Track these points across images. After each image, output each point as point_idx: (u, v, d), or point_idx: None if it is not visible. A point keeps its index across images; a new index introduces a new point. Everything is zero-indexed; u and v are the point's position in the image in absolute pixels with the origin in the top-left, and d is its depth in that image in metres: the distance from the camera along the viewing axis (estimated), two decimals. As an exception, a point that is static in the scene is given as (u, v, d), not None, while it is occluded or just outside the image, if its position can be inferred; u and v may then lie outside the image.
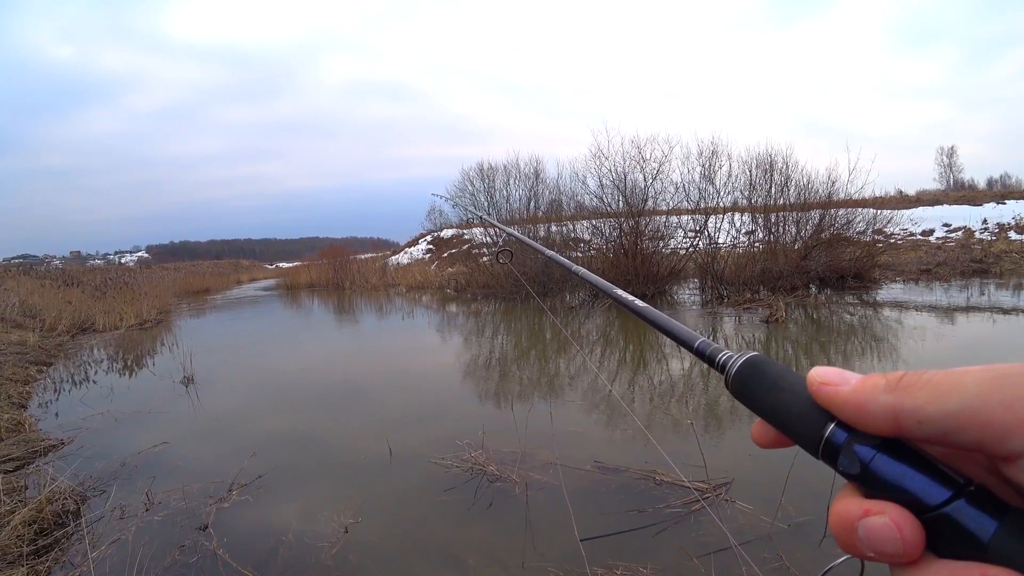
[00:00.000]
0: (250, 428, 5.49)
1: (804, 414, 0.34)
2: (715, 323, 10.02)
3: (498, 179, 19.04)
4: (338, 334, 12.93)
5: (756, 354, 0.40)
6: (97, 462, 4.62)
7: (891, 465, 0.30)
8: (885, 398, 0.30)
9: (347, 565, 3.01)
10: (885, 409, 0.30)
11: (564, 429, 4.82)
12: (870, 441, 0.31)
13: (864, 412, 0.31)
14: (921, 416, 0.28)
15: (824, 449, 0.33)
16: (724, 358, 0.43)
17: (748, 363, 0.39)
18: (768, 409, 0.37)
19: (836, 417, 0.32)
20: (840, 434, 0.32)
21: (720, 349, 0.45)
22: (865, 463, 0.31)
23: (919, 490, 0.29)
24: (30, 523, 3.52)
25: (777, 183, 13.57)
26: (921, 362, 6.28)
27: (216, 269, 40.38)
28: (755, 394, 0.38)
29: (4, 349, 9.41)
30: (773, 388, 0.36)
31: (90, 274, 22.90)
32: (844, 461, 0.31)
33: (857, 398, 0.31)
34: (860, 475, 0.31)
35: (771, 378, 0.37)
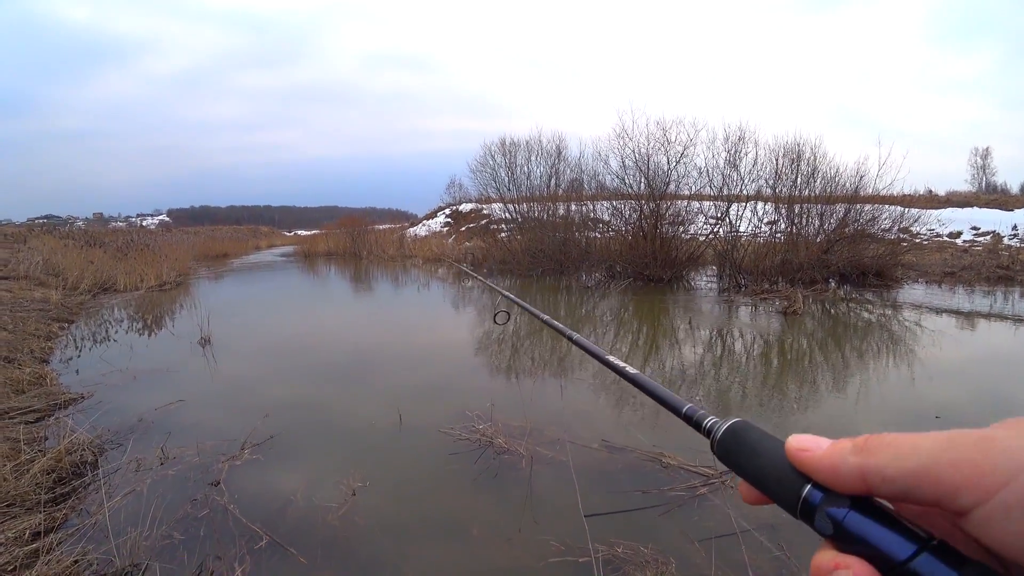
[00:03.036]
0: (263, 390, 5.57)
1: (782, 478, 0.37)
2: (731, 312, 9.93)
3: (520, 155, 18.90)
4: (353, 303, 13.04)
5: (738, 421, 0.43)
6: (115, 417, 4.73)
7: (861, 524, 0.33)
8: (853, 459, 0.34)
9: (353, 527, 3.06)
10: (853, 469, 0.33)
11: (573, 407, 4.84)
12: (842, 502, 0.34)
13: (835, 473, 0.34)
14: (884, 475, 0.32)
15: (801, 509, 0.36)
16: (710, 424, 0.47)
17: (730, 431, 0.43)
18: (750, 473, 0.40)
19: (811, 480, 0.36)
20: (815, 495, 0.35)
21: (706, 416, 0.49)
22: (838, 522, 0.34)
23: (886, 546, 0.32)
24: (49, 472, 3.62)
25: (804, 173, 13.27)
26: (938, 366, 6.18)
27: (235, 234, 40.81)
28: (738, 459, 0.41)
29: (28, 306, 9.62)
30: (753, 454, 0.40)
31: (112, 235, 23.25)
32: (819, 521, 0.35)
33: (829, 461, 0.35)
34: (834, 534, 0.34)
35: (751, 444, 0.41)
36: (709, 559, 2.67)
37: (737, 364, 6.57)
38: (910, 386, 5.56)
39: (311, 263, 23.24)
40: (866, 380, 5.85)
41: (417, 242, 26.41)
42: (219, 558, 2.79)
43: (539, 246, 15.92)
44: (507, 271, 16.63)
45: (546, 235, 16.14)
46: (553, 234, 16.05)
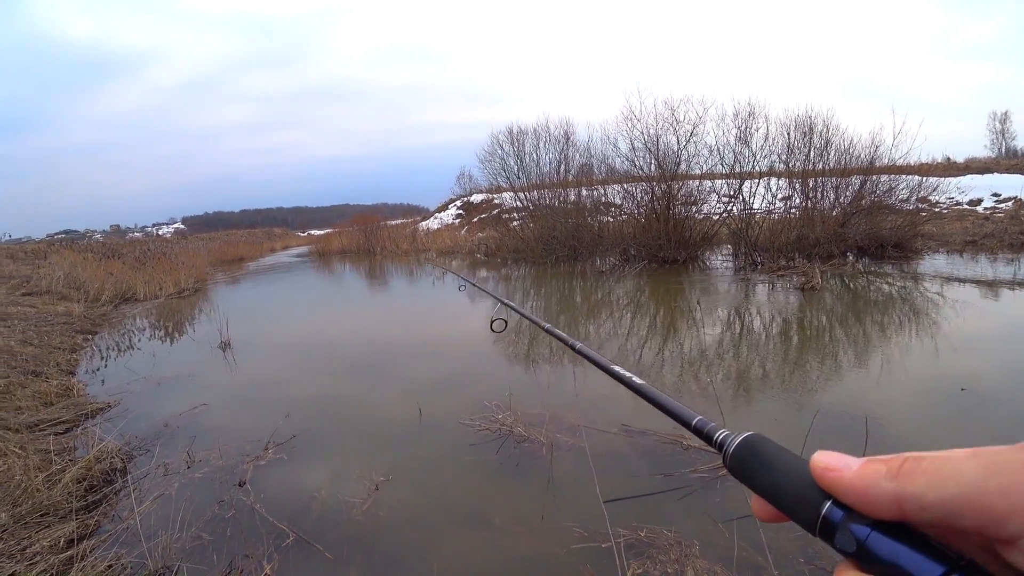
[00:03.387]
0: (284, 390, 5.64)
1: (800, 494, 0.36)
2: (747, 290, 9.84)
3: (528, 142, 18.72)
4: (369, 299, 13.13)
5: (752, 434, 0.41)
6: (141, 423, 4.82)
7: (886, 543, 0.32)
8: (887, 484, 0.31)
9: (377, 521, 3.10)
10: (888, 495, 0.31)
11: (592, 392, 4.84)
12: (865, 520, 0.33)
13: (867, 498, 0.32)
14: (923, 503, 0.30)
15: (821, 528, 0.34)
16: (722, 437, 0.45)
17: (744, 444, 0.41)
18: (765, 489, 0.38)
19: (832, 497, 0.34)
20: (836, 513, 0.34)
21: (718, 428, 0.47)
22: (861, 541, 0.32)
23: (913, 567, 0.30)
24: (80, 480, 3.70)
25: (816, 147, 13.02)
26: (961, 337, 6.04)
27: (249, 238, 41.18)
28: (752, 474, 0.40)
29: (52, 319, 9.81)
30: (769, 469, 0.38)
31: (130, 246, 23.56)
32: (841, 539, 0.33)
33: (860, 484, 0.32)
34: (857, 552, 0.32)
35: (767, 459, 0.39)
36: (732, 541, 2.66)
37: (756, 342, 6.52)
38: (934, 358, 5.47)
39: (326, 262, 23.41)
40: (888, 354, 5.76)
41: (430, 235, 26.48)
42: (248, 556, 2.84)
43: (552, 233, 15.89)
44: (521, 259, 16.62)
45: (558, 222, 16.09)
46: (565, 220, 15.99)
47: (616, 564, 2.58)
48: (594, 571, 2.58)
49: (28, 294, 12.25)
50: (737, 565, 2.52)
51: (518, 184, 18.94)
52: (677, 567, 2.57)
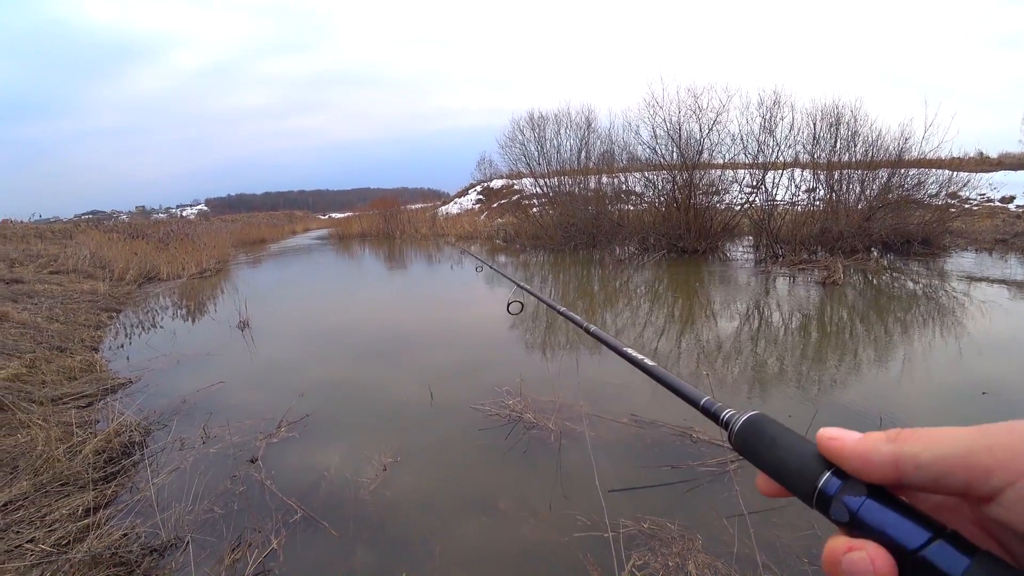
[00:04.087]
0: (299, 371, 5.72)
1: (799, 469, 0.38)
2: (767, 283, 9.72)
3: (549, 129, 18.57)
4: (388, 283, 13.22)
5: (756, 414, 0.44)
6: (160, 399, 4.93)
7: (877, 511, 0.34)
8: (886, 447, 0.34)
9: (384, 501, 3.15)
10: (886, 457, 0.33)
11: (604, 381, 4.83)
12: (858, 491, 0.35)
13: (867, 461, 0.34)
14: (918, 461, 0.32)
15: (817, 500, 0.36)
16: (727, 416, 0.47)
17: (749, 423, 0.43)
18: (767, 464, 0.40)
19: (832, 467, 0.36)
20: (832, 485, 0.36)
21: (724, 408, 0.50)
22: (853, 511, 0.34)
23: (900, 534, 0.32)
24: (99, 452, 3.81)
25: (843, 137, 12.67)
26: (987, 338, 5.89)
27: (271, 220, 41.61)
28: (756, 451, 0.42)
29: (77, 297, 10.04)
30: (771, 446, 0.40)
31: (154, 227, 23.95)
32: (835, 510, 0.35)
33: (861, 448, 0.35)
34: (849, 522, 0.34)
35: (769, 437, 0.41)
36: (737, 536, 2.64)
37: (774, 336, 6.44)
38: (957, 360, 5.35)
39: (346, 245, 23.60)
40: (910, 353, 5.63)
41: (449, 220, 26.50)
42: (257, 531, 2.91)
43: (571, 220, 15.81)
44: (540, 246, 16.57)
45: (578, 209, 16.00)
46: (585, 208, 15.90)
47: (618, 554, 2.59)
48: (594, 560, 2.59)
49: (55, 272, 12.54)
50: (738, 561, 2.51)
51: (538, 170, 18.83)
52: (679, 560, 2.56)
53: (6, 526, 2.99)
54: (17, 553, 2.76)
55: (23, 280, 10.62)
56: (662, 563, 2.56)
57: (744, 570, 2.46)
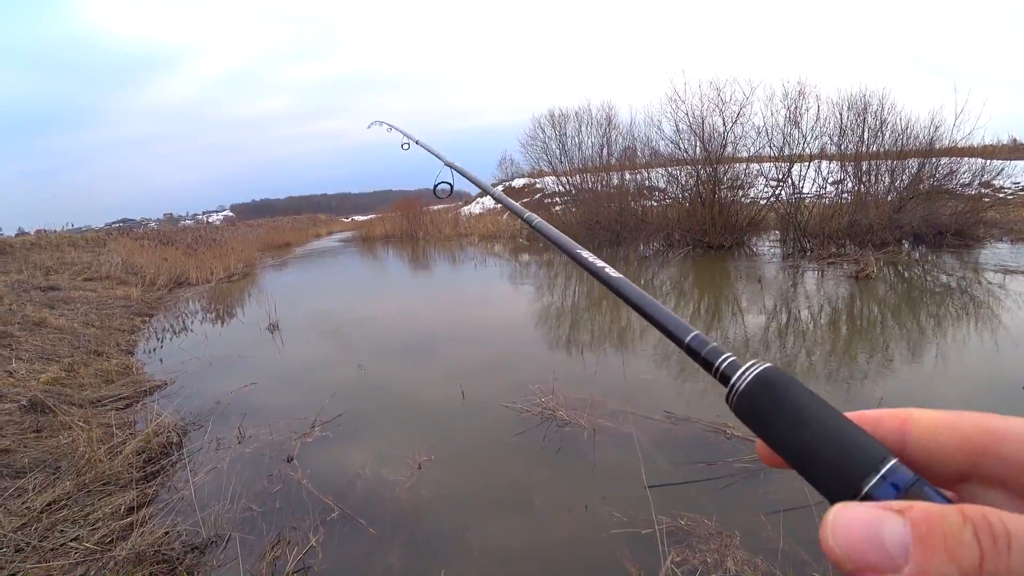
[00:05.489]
0: (330, 371, 5.79)
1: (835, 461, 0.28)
2: (796, 277, 9.56)
3: (570, 126, 18.36)
4: (412, 284, 13.32)
5: (771, 368, 0.32)
6: (195, 400, 5.02)
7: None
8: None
9: (420, 499, 3.16)
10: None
11: (634, 378, 4.80)
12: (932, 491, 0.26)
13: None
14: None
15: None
16: (726, 365, 0.35)
17: (760, 380, 0.32)
18: (787, 446, 0.30)
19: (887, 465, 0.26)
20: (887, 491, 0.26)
21: (721, 352, 0.36)
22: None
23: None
24: (139, 452, 3.89)
25: (871, 127, 12.33)
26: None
27: (295, 224, 42.13)
28: (768, 423, 0.31)
29: (112, 303, 10.28)
30: (795, 423, 0.30)
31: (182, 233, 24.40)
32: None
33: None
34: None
35: (791, 406, 0.30)
36: (777, 533, 2.60)
37: (804, 331, 6.33)
38: (993, 354, 5.20)
39: (370, 247, 23.81)
40: (944, 348, 5.48)
41: (472, 220, 26.53)
42: (295, 529, 2.94)
43: (595, 217, 15.69)
44: (564, 244, 16.50)
45: (601, 206, 15.90)
46: (608, 204, 15.78)
47: (656, 551, 2.57)
48: (632, 556, 2.57)
49: (89, 279, 12.85)
50: (779, 557, 2.47)
51: (560, 168, 18.74)
52: (717, 557, 2.53)
53: (51, 525, 3.07)
54: (62, 551, 2.83)
55: (59, 287, 10.91)
56: (700, 559, 2.53)
57: (785, 567, 2.42)
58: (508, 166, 26.77)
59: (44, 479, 3.54)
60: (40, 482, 3.50)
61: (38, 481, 3.50)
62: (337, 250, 23.86)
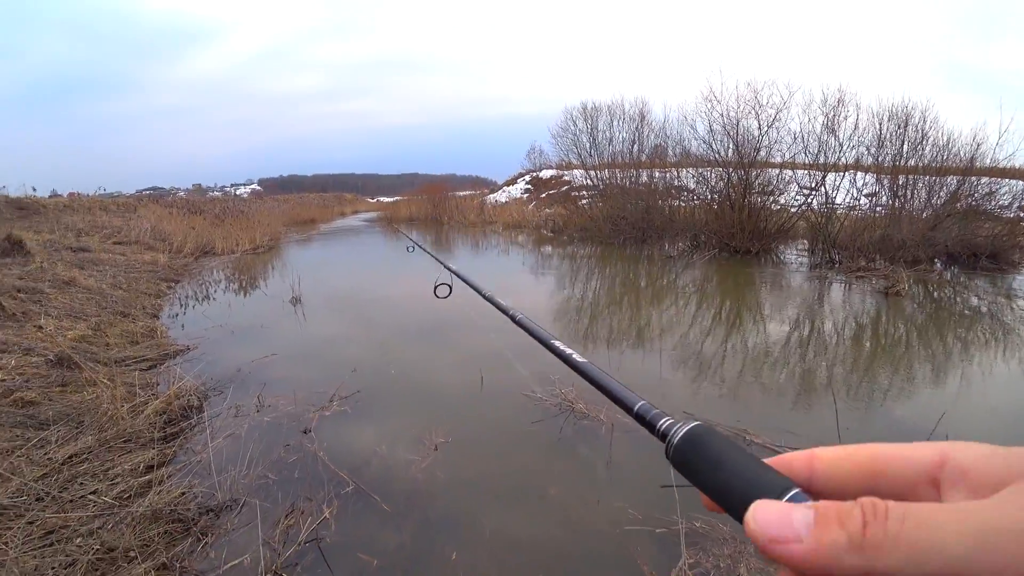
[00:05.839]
0: (350, 347, 5.83)
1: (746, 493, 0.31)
2: (822, 288, 9.39)
3: (601, 120, 18.19)
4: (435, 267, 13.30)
5: (698, 425, 0.38)
6: (217, 367, 5.08)
7: None
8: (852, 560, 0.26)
9: (435, 480, 3.16)
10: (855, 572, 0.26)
11: (654, 377, 4.76)
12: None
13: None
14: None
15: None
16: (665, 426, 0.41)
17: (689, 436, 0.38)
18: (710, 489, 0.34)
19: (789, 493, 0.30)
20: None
21: (662, 415, 0.43)
22: None
23: None
24: (160, 413, 3.95)
25: (911, 140, 11.99)
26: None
27: (321, 201, 42.50)
28: (697, 471, 0.36)
29: (139, 267, 10.46)
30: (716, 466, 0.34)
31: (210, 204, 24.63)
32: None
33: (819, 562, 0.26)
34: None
35: (713, 455, 0.35)
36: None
37: (825, 345, 6.21)
38: (1020, 383, 5.06)
39: (394, 228, 23.93)
40: (968, 373, 5.31)
41: (497, 208, 26.50)
42: (309, 499, 2.96)
43: (621, 214, 15.58)
44: (588, 238, 16.41)
45: (628, 202, 15.77)
46: (635, 201, 15.65)
47: (669, 551, 2.55)
48: (644, 555, 2.54)
49: (119, 243, 13.06)
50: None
51: (589, 162, 18.60)
52: (730, 563, 2.50)
53: (71, 477, 3.13)
54: (80, 503, 2.88)
55: (89, 249, 11.10)
56: (713, 564, 2.50)
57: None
58: (537, 156, 26.66)
59: (67, 432, 3.61)
60: (63, 435, 3.56)
61: (61, 434, 3.57)
62: (361, 229, 24.02)
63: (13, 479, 2.97)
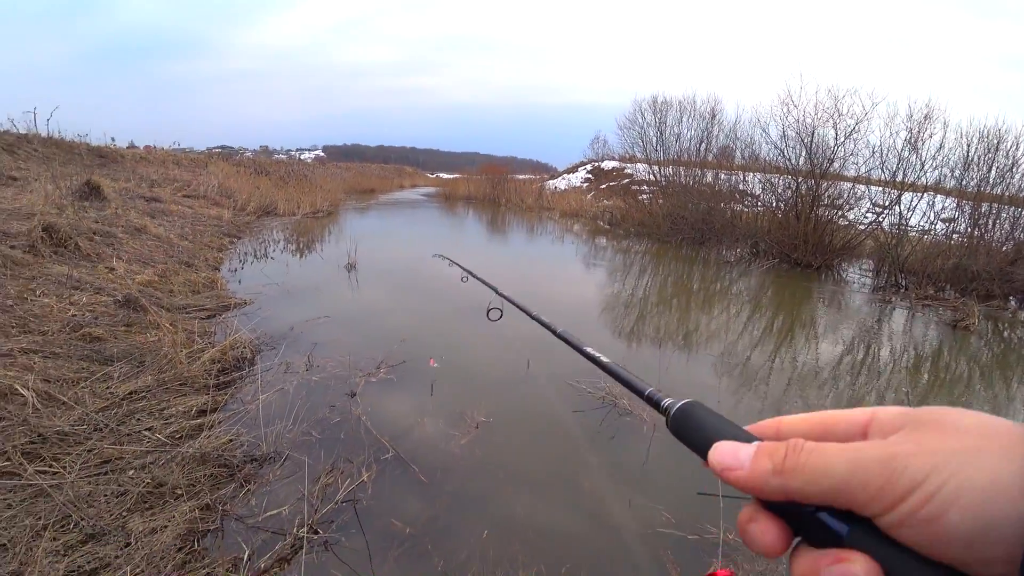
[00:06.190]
0: (400, 317, 5.91)
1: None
2: (883, 313, 8.98)
3: (671, 115, 17.59)
4: (489, 247, 13.42)
5: (690, 401, 0.46)
6: (271, 323, 5.25)
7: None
8: (775, 481, 0.35)
9: (473, 458, 3.19)
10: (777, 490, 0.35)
11: (699, 383, 4.66)
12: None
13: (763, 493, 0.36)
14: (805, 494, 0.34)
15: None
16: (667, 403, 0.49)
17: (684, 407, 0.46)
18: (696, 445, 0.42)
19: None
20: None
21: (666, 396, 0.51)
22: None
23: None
24: (215, 361, 4.10)
25: (1000, 166, 11.16)
26: None
27: (382, 172, 43.32)
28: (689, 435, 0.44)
29: (204, 221, 10.88)
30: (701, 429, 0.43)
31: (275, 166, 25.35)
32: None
33: (753, 482, 0.36)
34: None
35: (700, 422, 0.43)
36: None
37: (879, 371, 5.92)
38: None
39: (451, 205, 24.14)
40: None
41: (555, 195, 26.34)
42: (349, 461, 3.03)
43: (681, 212, 15.20)
44: (644, 235, 16.11)
45: (690, 202, 15.40)
46: (697, 202, 15.27)
47: (700, 559, 2.51)
48: (675, 559, 2.51)
49: (188, 196, 13.61)
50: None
51: (654, 157, 18.19)
52: (763, 575, 2.45)
53: (129, 412, 3.29)
54: (135, 438, 3.03)
55: (160, 200, 11.60)
56: (744, 577, 2.45)
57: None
58: (600, 146, 26.34)
59: (128, 370, 3.80)
60: (124, 372, 3.75)
61: (123, 371, 3.76)
62: (419, 203, 24.33)
63: (76, 408, 3.15)
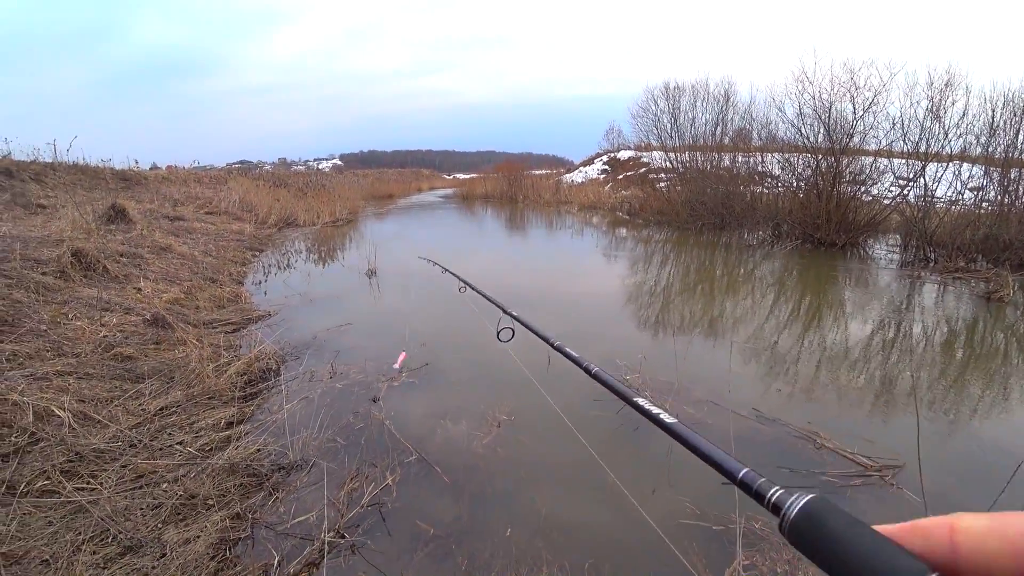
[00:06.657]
0: (421, 321, 5.96)
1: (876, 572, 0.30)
2: (913, 289, 8.77)
3: (684, 100, 17.43)
4: (508, 245, 13.47)
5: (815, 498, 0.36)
6: (294, 333, 5.36)
7: None
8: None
9: (495, 456, 3.24)
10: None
11: (723, 370, 4.62)
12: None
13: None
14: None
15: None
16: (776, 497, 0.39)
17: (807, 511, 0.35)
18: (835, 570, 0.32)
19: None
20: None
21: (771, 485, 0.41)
22: None
23: None
24: (242, 373, 4.21)
25: (1029, 130, 10.86)
26: None
27: (399, 177, 43.70)
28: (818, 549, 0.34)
29: (227, 236, 11.10)
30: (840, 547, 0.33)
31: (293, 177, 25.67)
32: None
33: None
34: None
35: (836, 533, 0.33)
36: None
37: (911, 349, 5.79)
38: None
39: (469, 205, 24.24)
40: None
41: (573, 189, 26.30)
42: (373, 465, 3.09)
43: (700, 198, 15.03)
44: (664, 222, 15.99)
45: (708, 187, 15.21)
46: (716, 186, 15.06)
47: (725, 549, 2.50)
48: (699, 550, 2.50)
49: (209, 213, 13.89)
50: None
51: (669, 144, 17.97)
52: (788, 568, 2.42)
53: (161, 427, 3.39)
54: (168, 452, 3.12)
55: (184, 218, 11.86)
56: (770, 567, 2.43)
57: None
58: (615, 137, 26.17)
59: (159, 386, 3.91)
60: (155, 388, 3.87)
61: (154, 387, 3.87)
62: (437, 205, 24.49)
63: (110, 426, 3.26)
